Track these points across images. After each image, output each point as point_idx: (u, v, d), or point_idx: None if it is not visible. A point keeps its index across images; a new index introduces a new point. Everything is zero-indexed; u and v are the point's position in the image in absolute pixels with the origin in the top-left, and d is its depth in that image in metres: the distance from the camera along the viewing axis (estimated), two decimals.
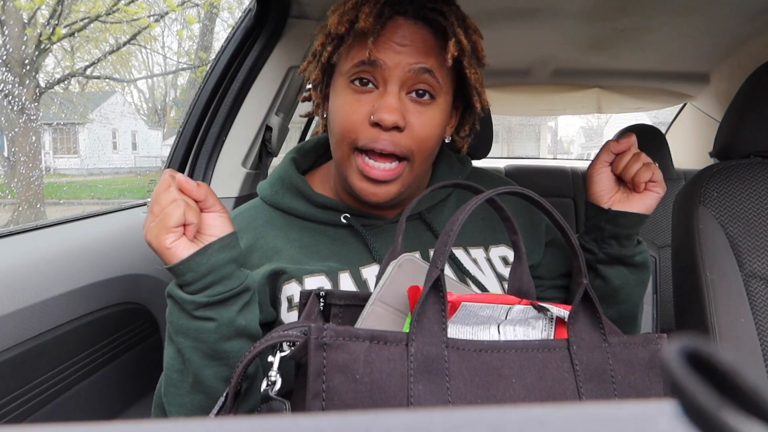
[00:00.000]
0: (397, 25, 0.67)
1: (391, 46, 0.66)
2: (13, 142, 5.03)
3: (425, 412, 0.17)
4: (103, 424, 0.17)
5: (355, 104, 0.67)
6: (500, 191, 0.54)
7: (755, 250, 0.98)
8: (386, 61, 0.66)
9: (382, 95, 0.67)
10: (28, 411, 0.75)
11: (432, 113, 0.69)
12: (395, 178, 0.68)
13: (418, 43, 0.67)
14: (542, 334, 0.55)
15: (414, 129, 0.67)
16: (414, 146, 0.68)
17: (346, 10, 0.67)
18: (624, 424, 0.16)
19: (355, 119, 0.67)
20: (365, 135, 0.67)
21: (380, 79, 0.67)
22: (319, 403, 0.45)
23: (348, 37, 0.67)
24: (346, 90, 0.69)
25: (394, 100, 0.66)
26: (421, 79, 0.67)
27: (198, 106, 1.22)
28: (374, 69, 0.66)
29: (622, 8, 1.29)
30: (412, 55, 0.66)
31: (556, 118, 20.23)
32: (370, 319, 0.55)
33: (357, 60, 0.67)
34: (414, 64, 0.66)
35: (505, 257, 0.78)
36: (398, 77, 0.66)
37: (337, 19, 0.67)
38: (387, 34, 0.66)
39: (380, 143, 0.66)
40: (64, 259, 0.85)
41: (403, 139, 0.67)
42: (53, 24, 5.92)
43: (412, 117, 0.67)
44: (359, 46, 0.67)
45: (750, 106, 1.04)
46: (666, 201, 2.06)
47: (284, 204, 0.77)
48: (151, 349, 1.05)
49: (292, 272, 0.71)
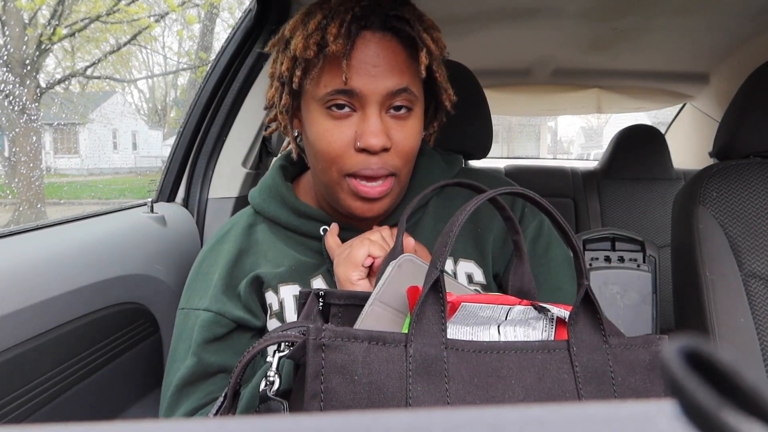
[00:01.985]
0: (366, 42, 0.65)
1: (366, 69, 0.64)
2: (13, 143, 5.03)
3: (425, 412, 0.17)
4: (103, 424, 0.17)
5: (335, 131, 0.66)
6: (501, 192, 0.54)
7: (755, 250, 0.98)
8: (362, 89, 0.64)
9: (362, 119, 0.66)
10: (28, 411, 0.75)
11: (411, 124, 0.68)
12: (387, 193, 0.69)
13: (390, 59, 0.65)
14: (542, 334, 0.55)
15: (399, 145, 0.67)
16: (401, 162, 0.68)
17: (310, 32, 0.64)
18: (624, 424, 0.16)
19: (340, 146, 0.66)
20: (354, 162, 0.66)
21: (357, 103, 0.66)
22: (318, 404, 0.45)
23: (317, 61, 0.65)
24: (322, 116, 0.67)
25: (377, 122, 0.65)
26: (399, 98, 0.66)
27: (198, 106, 1.22)
28: (351, 96, 0.65)
29: (622, 8, 1.29)
30: (387, 77, 0.65)
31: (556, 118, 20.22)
32: (370, 319, 0.55)
33: (331, 88, 0.65)
34: (392, 87, 0.65)
35: (471, 274, 0.75)
36: (376, 101, 0.65)
37: (302, 43, 0.64)
38: (358, 55, 0.64)
39: (371, 169, 0.66)
40: (64, 259, 0.85)
41: (391, 158, 0.67)
42: (54, 24, 5.92)
43: (395, 134, 0.67)
44: (330, 70, 0.65)
45: (750, 106, 1.04)
46: (666, 201, 2.06)
47: (269, 212, 0.78)
48: (151, 349, 1.05)
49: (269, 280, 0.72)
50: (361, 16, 0.64)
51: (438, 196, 0.81)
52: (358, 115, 0.66)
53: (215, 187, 1.25)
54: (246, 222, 0.79)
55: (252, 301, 0.73)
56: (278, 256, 0.75)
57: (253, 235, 0.78)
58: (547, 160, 3.80)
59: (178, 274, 1.10)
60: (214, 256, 0.78)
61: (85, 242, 0.92)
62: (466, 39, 1.54)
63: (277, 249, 0.76)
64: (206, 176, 1.24)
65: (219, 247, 0.79)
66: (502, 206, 0.62)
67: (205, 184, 1.24)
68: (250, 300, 0.73)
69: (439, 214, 0.79)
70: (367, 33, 0.65)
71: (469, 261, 0.76)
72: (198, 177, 1.24)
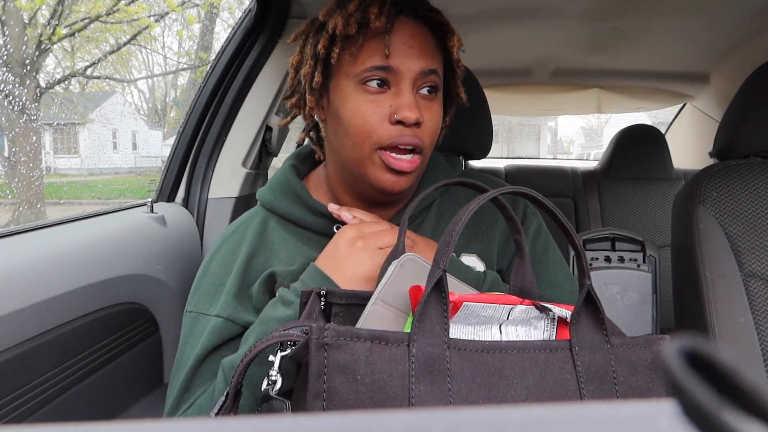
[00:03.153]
0: (402, 24, 0.70)
1: (402, 48, 0.69)
2: (13, 143, 5.03)
3: (426, 412, 0.17)
4: (103, 424, 0.17)
5: (372, 105, 0.70)
6: (503, 191, 0.54)
7: (755, 250, 0.98)
8: (399, 66, 0.69)
9: (396, 95, 0.70)
10: (28, 411, 0.75)
11: (437, 107, 0.73)
12: (416, 168, 0.72)
13: (423, 43, 0.71)
14: (544, 334, 0.55)
15: (427, 123, 0.71)
16: (428, 140, 0.72)
17: (350, 11, 0.69)
18: (624, 424, 0.16)
19: (376, 120, 0.69)
20: (390, 133, 0.69)
21: (392, 80, 0.70)
22: (320, 404, 0.45)
23: (359, 38, 0.69)
24: (358, 92, 0.70)
25: (412, 98, 0.69)
26: (429, 79, 0.71)
27: (198, 106, 1.22)
28: (387, 72, 0.69)
29: (622, 8, 1.29)
30: (421, 58, 0.70)
31: (556, 118, 20.23)
32: (372, 319, 0.55)
33: (369, 65, 0.69)
34: (425, 67, 0.70)
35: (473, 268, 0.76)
36: (410, 79, 0.70)
37: (342, 21, 0.69)
38: (396, 34, 0.69)
39: (406, 138, 0.69)
40: (64, 259, 0.85)
41: (421, 134, 0.70)
42: (54, 24, 5.91)
43: (424, 113, 0.71)
44: (369, 47, 0.69)
45: (750, 106, 1.04)
46: (666, 201, 2.06)
47: (281, 209, 0.78)
48: (151, 349, 1.05)
49: (282, 278, 0.72)
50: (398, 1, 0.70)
51: (441, 197, 0.82)
52: (392, 92, 0.70)
53: (215, 187, 1.25)
54: (257, 221, 0.79)
55: (264, 302, 0.72)
56: (291, 254, 0.75)
57: (264, 233, 0.78)
58: (547, 160, 3.80)
59: (178, 274, 1.10)
60: (222, 257, 0.77)
61: (85, 242, 0.92)
62: (466, 39, 1.54)
63: (289, 247, 0.76)
64: (206, 176, 1.24)
65: (227, 247, 0.78)
66: (504, 206, 0.62)
67: (205, 184, 1.24)
68: (262, 300, 0.72)
69: (443, 215, 0.80)
70: (402, 17, 0.71)
71: (472, 255, 0.78)
72: (198, 177, 1.24)
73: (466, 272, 0.72)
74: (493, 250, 0.79)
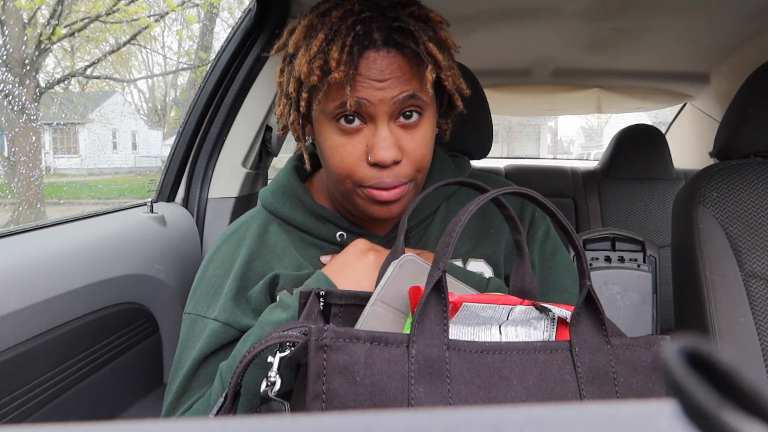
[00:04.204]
0: (369, 62, 0.64)
1: (371, 84, 0.64)
2: (13, 142, 5.03)
3: (425, 412, 0.17)
4: (103, 424, 0.17)
5: (347, 146, 0.67)
6: (503, 191, 0.54)
7: (755, 250, 0.98)
8: (369, 99, 0.64)
9: (372, 132, 0.66)
10: (28, 411, 0.75)
11: (423, 131, 0.68)
12: (403, 196, 0.69)
13: (395, 73, 0.65)
14: (544, 334, 0.54)
15: (410, 154, 0.67)
16: (413, 170, 0.68)
17: (313, 55, 0.64)
18: (624, 424, 0.16)
19: (352, 161, 0.66)
20: (367, 176, 0.66)
21: (366, 115, 0.66)
22: (319, 405, 0.45)
23: (321, 86, 0.65)
24: (333, 131, 0.67)
25: (387, 134, 0.65)
26: (407, 104, 0.66)
27: (198, 106, 1.22)
28: (359, 107, 0.65)
29: (622, 8, 1.29)
30: (395, 87, 0.64)
31: (556, 118, 20.22)
32: (371, 320, 0.55)
33: (338, 102, 0.65)
34: (398, 96, 0.65)
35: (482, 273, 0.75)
36: (384, 111, 0.65)
37: (306, 67, 0.64)
38: (363, 72, 0.64)
39: (385, 181, 0.66)
40: (64, 259, 0.85)
41: (403, 169, 0.67)
42: (53, 24, 5.91)
43: (406, 143, 0.67)
44: (336, 91, 0.65)
45: (750, 106, 1.04)
46: (666, 201, 2.06)
47: (283, 213, 0.77)
48: (151, 349, 1.05)
49: (286, 281, 0.72)
50: (363, 34, 0.63)
51: (448, 201, 0.80)
52: (369, 128, 0.66)
53: (215, 187, 1.25)
54: (258, 223, 0.78)
55: (265, 305, 0.71)
56: (293, 258, 0.74)
57: (265, 236, 0.77)
58: (547, 160, 3.80)
59: (178, 274, 1.10)
60: (220, 258, 0.77)
61: (85, 242, 0.92)
62: (466, 39, 1.54)
63: (291, 251, 0.75)
64: (206, 176, 1.24)
65: (226, 248, 0.77)
66: (504, 205, 0.62)
67: (204, 184, 1.24)
68: (263, 303, 0.71)
69: (449, 219, 0.78)
70: (370, 53, 0.64)
71: (479, 260, 0.77)
72: (198, 177, 1.24)
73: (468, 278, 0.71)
74: (500, 255, 0.78)
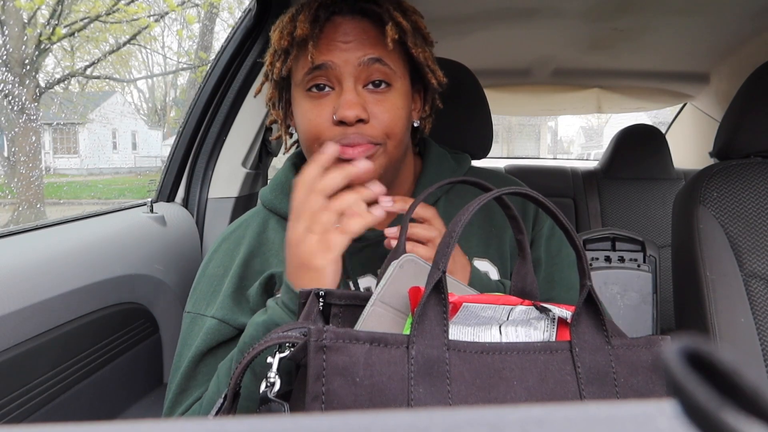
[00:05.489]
0: (335, 24, 0.68)
1: (336, 45, 0.67)
2: (13, 142, 5.03)
3: (425, 412, 0.17)
4: (103, 424, 0.17)
5: (315, 110, 0.69)
6: (505, 191, 0.54)
7: (755, 250, 0.98)
8: (334, 60, 0.67)
9: (339, 94, 0.68)
10: (28, 411, 0.75)
11: (392, 99, 0.69)
12: (371, 156, 0.68)
13: (360, 36, 0.68)
14: (544, 335, 0.54)
15: (378, 117, 0.68)
16: (381, 134, 0.68)
17: (284, 24, 0.69)
18: (624, 424, 0.16)
19: (319, 122, 0.68)
20: (332, 134, 0.67)
21: (334, 80, 0.68)
22: (319, 406, 0.45)
23: (292, 49, 0.69)
24: (304, 99, 0.70)
25: (352, 95, 0.67)
26: (374, 69, 0.68)
27: (198, 106, 1.22)
28: (326, 71, 0.68)
29: (622, 8, 1.29)
30: (359, 48, 0.67)
31: (556, 118, 20.22)
32: (371, 320, 0.55)
33: (306, 68, 0.68)
34: (362, 57, 0.67)
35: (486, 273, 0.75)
36: (350, 73, 0.67)
37: (278, 35, 0.69)
38: (328, 35, 0.68)
39: (348, 138, 0.67)
40: (64, 259, 0.85)
41: (369, 130, 0.68)
42: (53, 24, 5.91)
43: (373, 107, 0.68)
44: (305, 55, 0.68)
45: (750, 106, 1.04)
46: (666, 201, 2.06)
47: (282, 209, 0.77)
48: (151, 349, 1.05)
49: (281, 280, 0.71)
50: (331, 2, 0.68)
51: (447, 195, 0.80)
52: (336, 92, 0.68)
53: (215, 187, 1.25)
54: (257, 221, 0.79)
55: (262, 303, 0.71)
56: None
57: (264, 233, 0.77)
58: (547, 160, 3.80)
59: (178, 274, 1.10)
60: (220, 257, 0.77)
61: (85, 242, 0.92)
62: (466, 39, 1.54)
63: None
64: (206, 176, 1.24)
65: (225, 247, 0.78)
66: (507, 205, 0.62)
67: (204, 184, 1.24)
68: (260, 302, 0.71)
69: (449, 214, 0.78)
70: (336, 17, 0.69)
71: (484, 260, 0.77)
72: (198, 177, 1.24)
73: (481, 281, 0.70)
74: (505, 253, 0.78)
